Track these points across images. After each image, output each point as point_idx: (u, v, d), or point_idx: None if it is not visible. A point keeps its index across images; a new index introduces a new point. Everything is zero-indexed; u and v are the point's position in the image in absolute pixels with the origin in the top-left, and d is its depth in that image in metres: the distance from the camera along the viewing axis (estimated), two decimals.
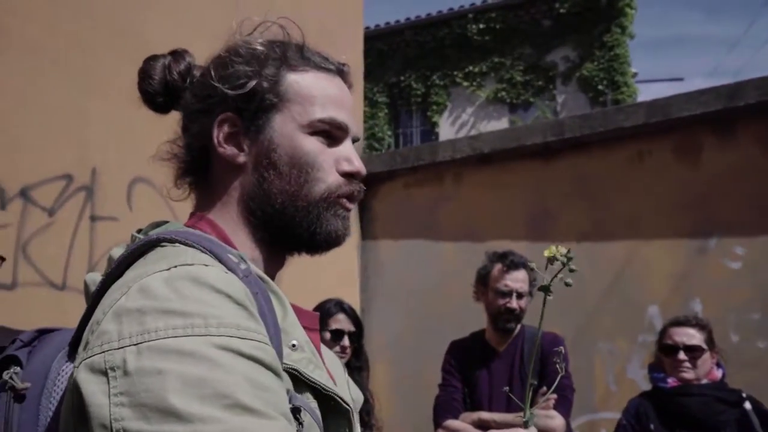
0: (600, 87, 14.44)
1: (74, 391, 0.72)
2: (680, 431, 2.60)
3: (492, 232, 4.07)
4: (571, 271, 1.05)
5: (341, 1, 4.73)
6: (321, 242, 0.94)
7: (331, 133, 0.94)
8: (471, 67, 15.45)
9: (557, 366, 1.16)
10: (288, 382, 0.80)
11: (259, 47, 0.93)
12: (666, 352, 2.70)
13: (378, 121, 16.19)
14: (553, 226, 3.94)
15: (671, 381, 2.67)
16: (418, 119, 16.32)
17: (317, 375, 0.84)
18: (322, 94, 0.93)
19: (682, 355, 2.64)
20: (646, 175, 3.72)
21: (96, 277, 0.87)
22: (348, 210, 0.95)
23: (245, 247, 0.92)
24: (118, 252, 0.87)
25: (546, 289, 1.07)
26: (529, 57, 15.10)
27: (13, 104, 2.85)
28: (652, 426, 2.66)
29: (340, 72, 0.98)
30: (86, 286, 0.89)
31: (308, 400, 0.83)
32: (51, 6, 3.02)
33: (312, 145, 0.92)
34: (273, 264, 0.96)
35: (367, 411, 2.77)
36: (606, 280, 3.74)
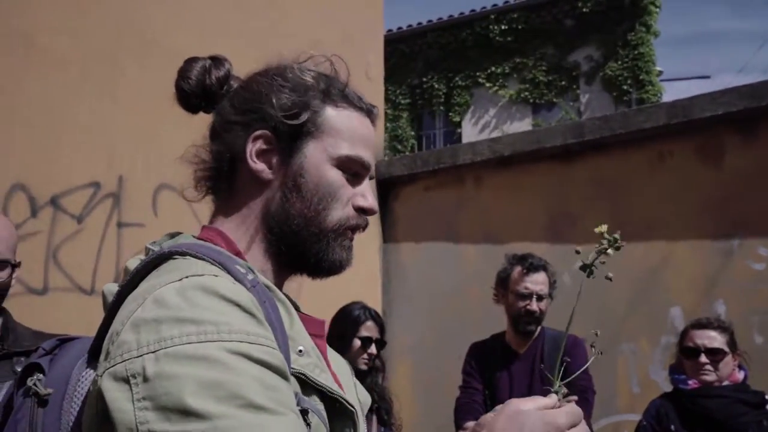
0: (624, 86, 14.32)
1: (98, 398, 0.76)
2: None
3: (512, 234, 4.07)
4: (618, 249, 1.00)
5: (362, 5, 4.77)
6: (324, 269, 0.99)
7: (354, 170, 0.99)
8: (493, 68, 15.42)
9: (592, 348, 1.10)
10: (296, 386, 0.85)
11: (309, 78, 0.98)
12: (687, 354, 2.68)
13: (401, 122, 16.23)
14: (574, 228, 3.94)
15: (692, 383, 2.66)
16: (441, 121, 16.33)
17: (323, 379, 0.88)
18: (354, 132, 0.99)
19: (703, 358, 2.62)
20: (667, 176, 3.70)
21: (113, 288, 0.92)
22: (351, 240, 1.01)
23: (256, 258, 0.97)
24: (133, 263, 0.92)
25: (588, 268, 0.99)
26: (552, 57, 15.02)
27: (44, 116, 2.94)
28: (672, 427, 2.64)
29: (369, 113, 1.03)
30: (104, 296, 0.94)
31: (315, 403, 0.87)
32: (79, 21, 3.11)
33: (336, 177, 0.97)
34: (281, 276, 1.00)
35: (386, 410, 2.80)
36: (628, 282, 3.73)
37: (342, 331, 2.78)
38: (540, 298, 2.85)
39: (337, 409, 0.89)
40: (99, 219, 3.00)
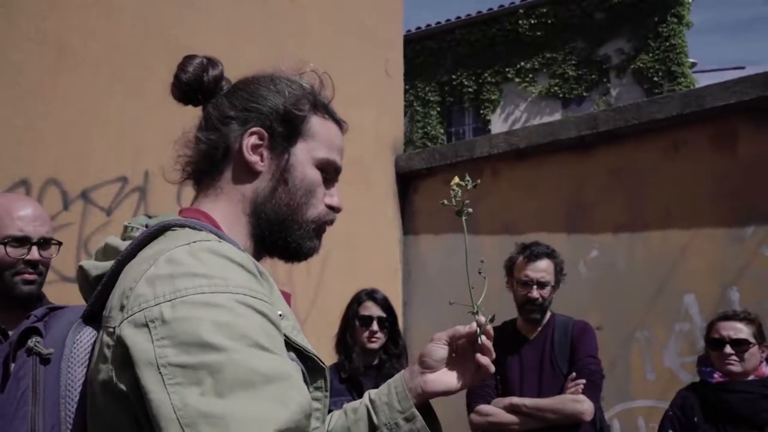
0: (656, 78, 14.15)
1: (117, 345, 0.88)
2: (724, 426, 2.61)
3: (530, 225, 4.14)
4: (474, 187, 1.22)
5: (382, 3, 4.84)
6: (302, 254, 1.15)
7: (330, 172, 1.15)
8: (522, 63, 15.38)
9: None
10: None
11: (301, 89, 1.14)
12: (713, 345, 2.72)
13: (430, 119, 16.28)
14: (590, 218, 3.99)
15: (717, 376, 2.69)
16: (471, 117, 16.33)
17: (300, 339, 1.02)
18: (332, 140, 1.16)
19: (728, 349, 2.65)
20: (681, 165, 3.73)
21: (93, 264, 1.05)
22: (323, 233, 1.17)
23: (239, 237, 1.09)
24: (114, 240, 1.05)
25: (460, 213, 1.27)
26: (582, 51, 14.92)
27: (75, 116, 3.10)
28: (695, 419, 2.68)
29: (341, 126, 1.19)
30: (83, 270, 1.06)
31: (294, 358, 0.99)
32: (109, 25, 3.27)
33: (316, 176, 1.13)
34: (258, 257, 1.13)
35: None
36: (643, 269, 3.77)
37: (346, 313, 2.97)
38: (542, 285, 2.91)
39: (309, 367, 1.02)
40: (126, 212, 3.16)
